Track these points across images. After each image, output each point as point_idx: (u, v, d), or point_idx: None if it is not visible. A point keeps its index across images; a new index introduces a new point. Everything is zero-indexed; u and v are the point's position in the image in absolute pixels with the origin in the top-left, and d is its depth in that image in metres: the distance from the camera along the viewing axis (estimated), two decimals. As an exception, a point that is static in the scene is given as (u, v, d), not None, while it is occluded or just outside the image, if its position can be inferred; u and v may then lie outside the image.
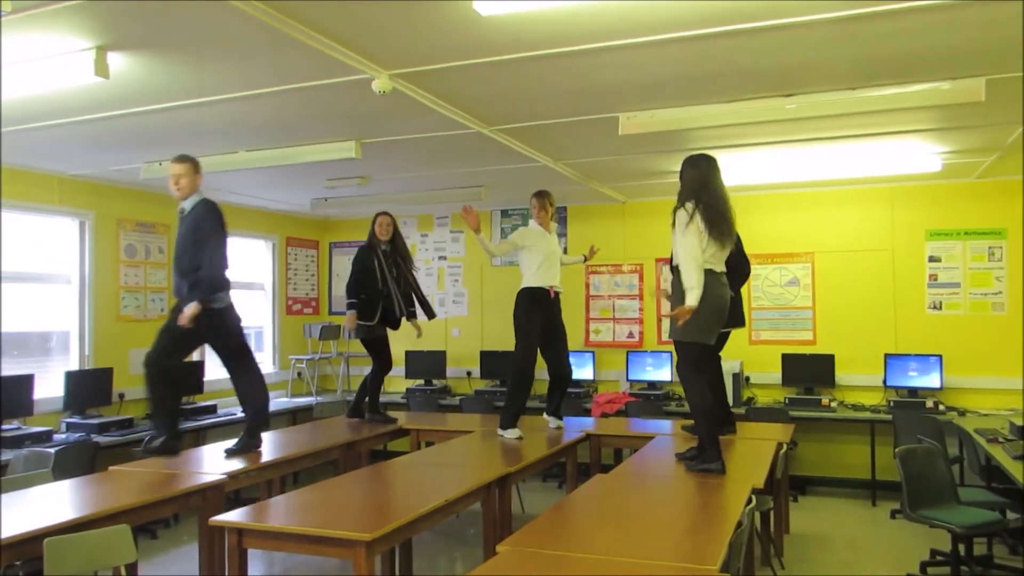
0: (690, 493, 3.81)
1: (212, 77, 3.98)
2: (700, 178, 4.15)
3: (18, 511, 3.52)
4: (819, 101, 4.30)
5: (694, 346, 4.13)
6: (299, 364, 8.80)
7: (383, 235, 6.03)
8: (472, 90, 4.28)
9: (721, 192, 4.17)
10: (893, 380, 6.99)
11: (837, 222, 7.44)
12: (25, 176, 6.07)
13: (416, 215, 9.08)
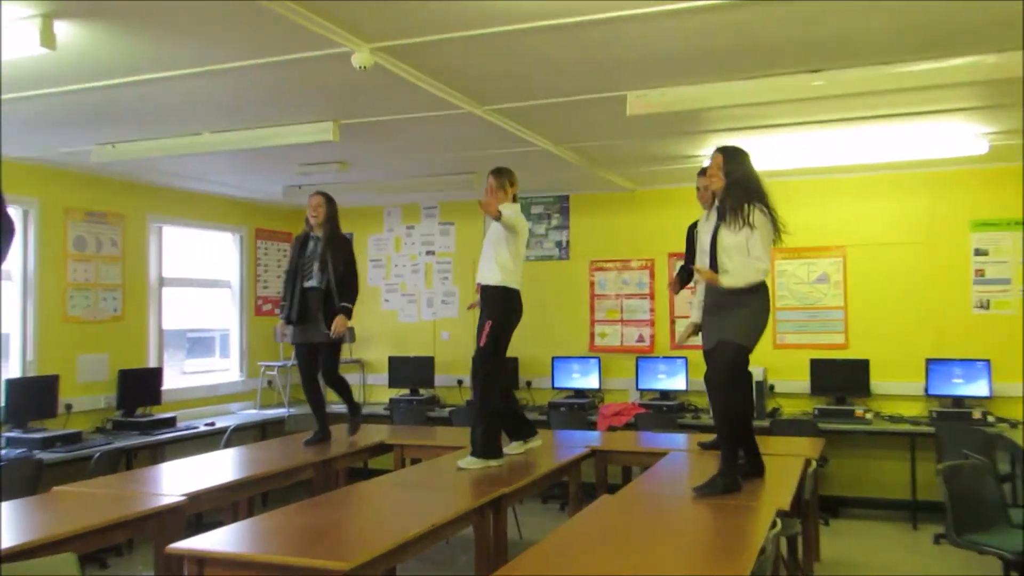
0: (707, 517, 3.82)
1: (173, 49, 3.98)
2: (754, 175, 4.40)
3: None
4: (850, 77, 4.31)
5: (743, 351, 4.31)
6: (269, 372, 8.80)
7: (311, 218, 5.97)
8: (463, 66, 4.28)
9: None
10: (935, 388, 7.00)
11: (871, 212, 7.45)
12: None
13: (400, 205, 9.09)
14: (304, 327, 5.92)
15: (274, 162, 6.71)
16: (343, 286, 5.88)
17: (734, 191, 4.30)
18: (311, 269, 5.88)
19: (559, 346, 8.29)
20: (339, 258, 5.92)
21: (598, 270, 8.34)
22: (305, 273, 5.90)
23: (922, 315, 7.24)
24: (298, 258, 5.95)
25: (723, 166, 4.35)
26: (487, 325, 5.08)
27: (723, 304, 4.33)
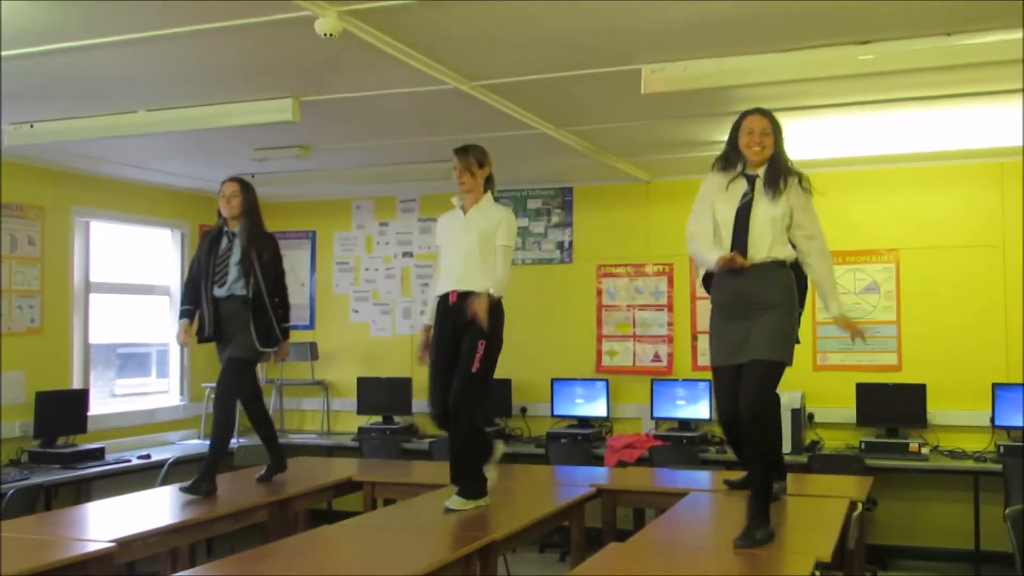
0: (735, 569, 3.83)
1: (104, 12, 3.99)
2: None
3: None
4: (903, 50, 4.34)
5: (781, 371, 4.21)
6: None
7: (224, 209, 5.72)
8: (448, 34, 4.30)
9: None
10: (1004, 418, 7.02)
11: (929, 209, 7.48)
12: None
13: (372, 197, 9.11)
14: (223, 342, 5.69)
15: (223, 146, 6.74)
16: (278, 296, 5.74)
17: (776, 163, 4.35)
18: (225, 273, 5.58)
19: (560, 366, 8.31)
20: (268, 260, 5.71)
21: (606, 276, 8.36)
22: (217, 278, 5.59)
23: (989, 332, 7.26)
24: (206, 258, 5.64)
25: (771, 133, 4.35)
26: (480, 345, 4.91)
27: (750, 303, 4.20)
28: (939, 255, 7.44)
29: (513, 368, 8.33)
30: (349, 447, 8.25)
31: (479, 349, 4.88)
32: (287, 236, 9.39)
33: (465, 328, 4.89)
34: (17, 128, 5.92)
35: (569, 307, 8.41)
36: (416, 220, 9.02)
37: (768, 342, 4.11)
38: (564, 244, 8.52)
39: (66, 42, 4.35)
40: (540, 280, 8.51)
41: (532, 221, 8.60)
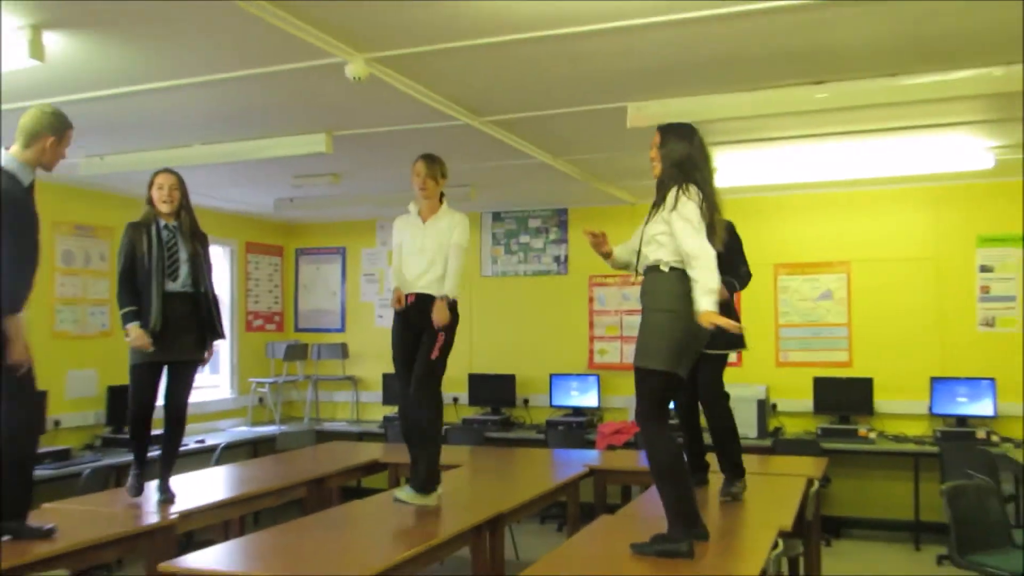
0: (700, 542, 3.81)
1: (163, 60, 4.01)
2: (693, 154, 3.60)
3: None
4: (854, 90, 4.34)
5: (660, 377, 3.43)
6: (260, 388, 8.80)
7: (163, 203, 4.67)
8: (460, 77, 4.31)
9: (711, 174, 3.65)
10: (940, 407, 7.01)
11: (875, 227, 7.48)
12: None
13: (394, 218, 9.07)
14: (169, 341, 4.62)
15: (265, 174, 6.73)
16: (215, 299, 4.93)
17: (667, 172, 3.60)
18: (176, 268, 4.65)
19: (557, 363, 8.30)
20: (208, 260, 4.88)
21: (598, 285, 8.36)
22: (170, 272, 4.62)
23: (926, 333, 7.26)
24: (157, 251, 4.60)
25: (662, 145, 3.67)
26: (439, 337, 4.46)
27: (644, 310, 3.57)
28: (884, 267, 7.43)
29: (516, 365, 8.37)
30: (375, 433, 8.25)
31: (439, 340, 4.45)
32: (321, 252, 9.44)
33: (424, 328, 4.47)
34: (90, 160, 5.93)
35: (565, 312, 8.40)
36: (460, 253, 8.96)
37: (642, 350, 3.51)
38: (560, 258, 8.52)
39: (132, 86, 4.36)
40: (540, 289, 8.52)
41: (532, 238, 8.60)
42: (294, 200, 7.80)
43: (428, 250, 4.51)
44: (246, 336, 8.93)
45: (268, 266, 9.30)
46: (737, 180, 6.57)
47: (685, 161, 3.56)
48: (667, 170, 3.59)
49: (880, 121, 5.17)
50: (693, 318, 3.37)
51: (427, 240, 4.53)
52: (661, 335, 3.42)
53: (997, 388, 6.84)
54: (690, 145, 3.60)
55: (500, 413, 8.23)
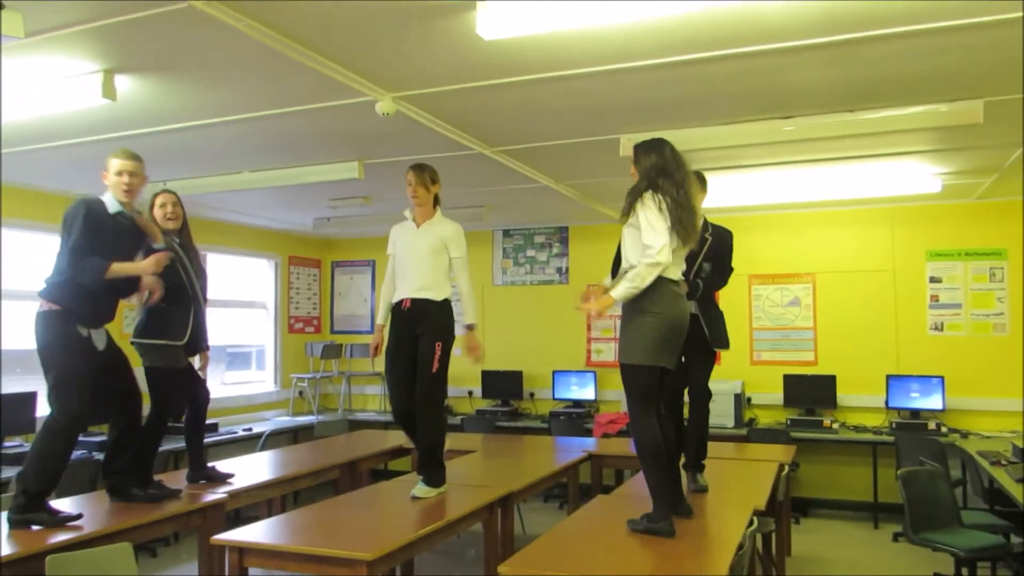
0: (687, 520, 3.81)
1: (216, 99, 4.04)
2: (659, 164, 3.48)
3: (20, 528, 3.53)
4: (817, 123, 4.35)
5: (643, 371, 3.39)
6: (300, 383, 8.82)
7: (170, 221, 4.36)
8: (475, 112, 4.33)
9: (686, 182, 3.49)
10: (895, 401, 6.99)
11: (837, 243, 7.47)
12: (29, 195, 6.11)
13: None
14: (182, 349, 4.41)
15: (305, 197, 6.76)
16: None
17: (637, 186, 3.50)
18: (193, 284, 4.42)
19: (559, 361, 8.29)
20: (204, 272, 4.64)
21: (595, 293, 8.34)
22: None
23: (883, 335, 7.24)
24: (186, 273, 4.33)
25: (635, 162, 3.59)
26: (437, 347, 4.15)
27: (623, 311, 3.49)
28: (846, 278, 7.41)
29: (523, 362, 8.38)
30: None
31: (437, 351, 4.15)
32: (354, 264, 9.46)
33: (421, 333, 4.20)
34: (154, 185, 5.92)
35: (566, 317, 8.38)
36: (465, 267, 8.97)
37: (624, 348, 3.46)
38: (562, 269, 8.52)
39: (190, 121, 4.40)
40: (543, 297, 8.52)
41: (537, 251, 8.61)
42: (330, 219, 7.83)
43: (422, 251, 4.23)
44: (288, 337, 8.95)
45: (308, 276, 9.32)
46: (715, 202, 6.55)
47: (651, 170, 3.47)
48: (637, 182, 3.52)
49: (840, 150, 5.17)
50: (670, 316, 3.38)
51: (421, 242, 4.25)
52: (640, 333, 3.39)
53: (946, 385, 6.81)
54: (660, 156, 3.50)
55: (509, 405, 8.23)
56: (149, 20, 3.00)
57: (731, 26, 3.15)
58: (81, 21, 3.02)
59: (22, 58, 3.37)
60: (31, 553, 3.22)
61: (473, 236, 8.74)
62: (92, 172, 5.55)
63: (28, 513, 3.56)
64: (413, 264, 4.24)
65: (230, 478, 4.60)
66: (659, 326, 3.37)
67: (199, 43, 3.29)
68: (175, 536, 6.36)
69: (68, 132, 4.57)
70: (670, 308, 3.39)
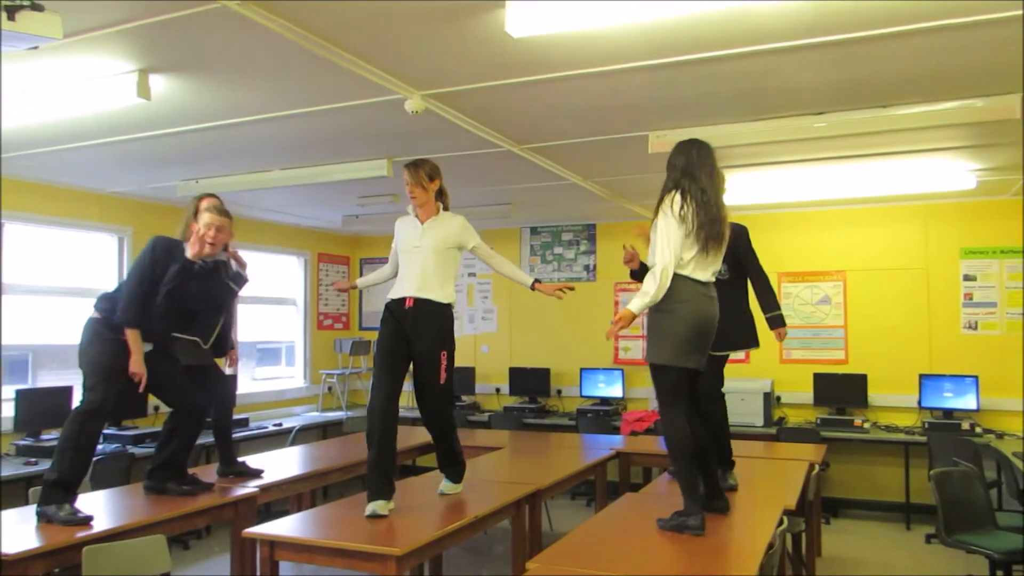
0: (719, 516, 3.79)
1: (248, 98, 4.08)
2: (687, 165, 3.50)
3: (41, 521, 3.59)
4: (849, 119, 4.30)
5: (670, 371, 3.42)
6: (330, 379, 8.89)
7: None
8: (503, 109, 4.34)
9: (713, 185, 3.49)
10: (928, 401, 6.90)
11: (869, 240, 7.39)
12: (66, 193, 6.22)
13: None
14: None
15: (334, 195, 6.81)
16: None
17: (664, 185, 3.54)
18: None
19: (586, 358, 8.28)
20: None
21: (622, 291, 8.34)
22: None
23: (916, 334, 7.15)
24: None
25: (669, 161, 3.60)
26: (443, 356, 3.96)
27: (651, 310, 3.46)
28: (877, 276, 7.33)
29: (551, 360, 8.39)
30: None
31: (443, 360, 3.96)
32: (383, 261, 9.38)
33: (420, 337, 3.93)
34: (186, 183, 6.03)
35: (593, 314, 8.38)
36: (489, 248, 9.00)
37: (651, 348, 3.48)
38: (589, 266, 8.51)
39: (223, 120, 4.44)
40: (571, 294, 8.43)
41: (565, 249, 8.61)
42: (359, 217, 7.88)
43: (426, 250, 3.99)
44: (317, 334, 9.03)
45: (336, 273, 9.39)
46: (745, 199, 6.54)
47: (675, 171, 3.52)
48: (665, 181, 3.56)
49: (873, 147, 5.11)
50: (694, 316, 3.40)
51: (425, 240, 4.01)
52: (667, 333, 3.41)
53: (980, 384, 6.72)
54: (686, 157, 3.53)
55: (536, 402, 8.24)
56: (183, 20, 3.05)
57: (758, 23, 3.13)
58: (117, 22, 3.07)
59: (59, 59, 3.43)
60: (69, 544, 3.28)
61: (501, 233, 8.83)
62: (124, 171, 5.68)
63: (50, 506, 3.61)
64: (416, 263, 4.00)
65: (260, 473, 4.65)
66: (683, 327, 3.39)
67: (232, 43, 3.32)
68: (207, 529, 6.45)
69: (103, 131, 4.64)
70: (695, 309, 3.41)
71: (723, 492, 3.76)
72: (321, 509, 4.00)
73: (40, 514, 3.60)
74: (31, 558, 3.16)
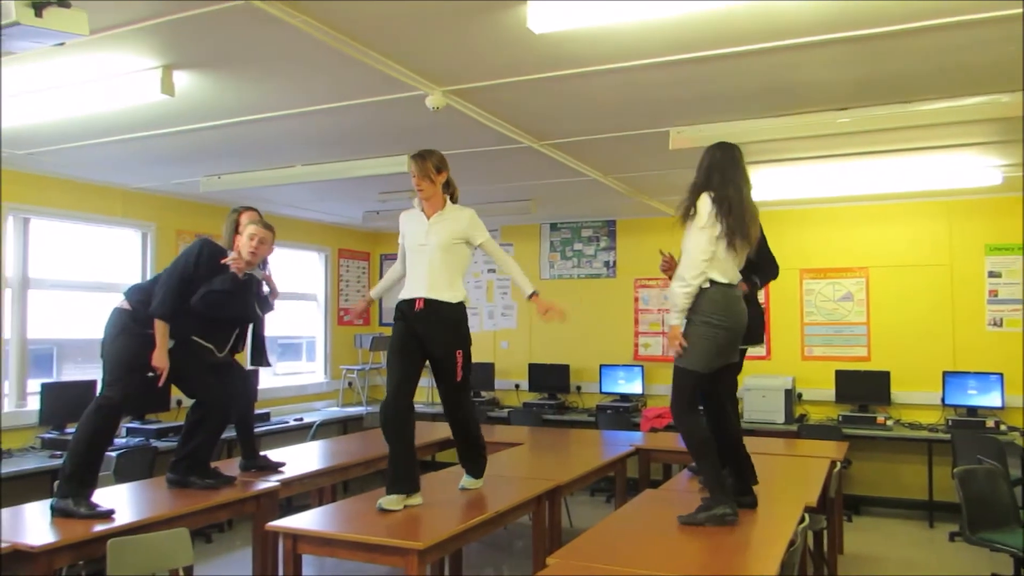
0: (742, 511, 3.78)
1: (271, 94, 4.10)
2: (718, 167, 3.54)
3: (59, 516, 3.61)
4: (873, 115, 4.26)
5: (690, 375, 3.46)
6: (350, 374, 8.93)
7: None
8: (523, 105, 4.33)
9: (744, 187, 3.53)
10: (952, 398, 6.83)
11: (892, 237, 7.32)
12: (90, 189, 6.29)
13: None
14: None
15: (355, 190, 6.83)
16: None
17: (692, 187, 3.56)
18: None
19: (606, 355, 8.27)
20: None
21: (642, 287, 8.31)
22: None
23: (940, 331, 7.08)
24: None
25: (699, 163, 3.64)
26: (458, 356, 3.87)
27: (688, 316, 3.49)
28: (900, 272, 7.27)
29: (570, 356, 8.38)
30: (448, 414, 8.30)
31: (459, 359, 3.89)
32: (402, 257, 9.52)
33: (432, 340, 3.85)
34: (209, 179, 6.08)
35: (613, 311, 8.37)
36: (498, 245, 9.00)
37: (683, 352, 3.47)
38: (609, 263, 8.50)
39: (244, 116, 4.47)
40: (591, 290, 8.50)
41: (585, 245, 8.59)
42: (380, 212, 7.90)
43: (433, 247, 3.84)
44: (338, 329, 9.07)
45: (357, 269, 9.43)
46: (767, 195, 6.50)
47: (701, 173, 3.57)
48: (693, 182, 3.59)
49: (897, 143, 5.06)
50: (726, 323, 3.44)
51: (431, 237, 3.85)
52: (700, 340, 3.44)
53: (1005, 382, 6.64)
54: (711, 158, 3.58)
55: (556, 398, 8.23)
56: (207, 17, 3.07)
57: (780, 18, 3.10)
58: (141, 19, 3.10)
59: (85, 55, 3.46)
60: (93, 537, 3.32)
61: (520, 230, 8.83)
62: (148, 167, 5.73)
63: (67, 500, 3.62)
64: (423, 261, 3.85)
65: (280, 467, 4.68)
66: (716, 336, 3.43)
67: (254, 39, 3.34)
68: (229, 523, 6.50)
69: (128, 127, 4.68)
70: (726, 316, 3.45)
71: (751, 488, 3.76)
72: (342, 503, 4.02)
73: (57, 509, 3.60)
74: (57, 550, 3.21)
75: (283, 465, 4.72)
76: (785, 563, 2.96)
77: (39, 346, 6.06)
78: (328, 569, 5.61)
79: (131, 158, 5.46)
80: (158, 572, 3.34)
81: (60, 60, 3.50)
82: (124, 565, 3.16)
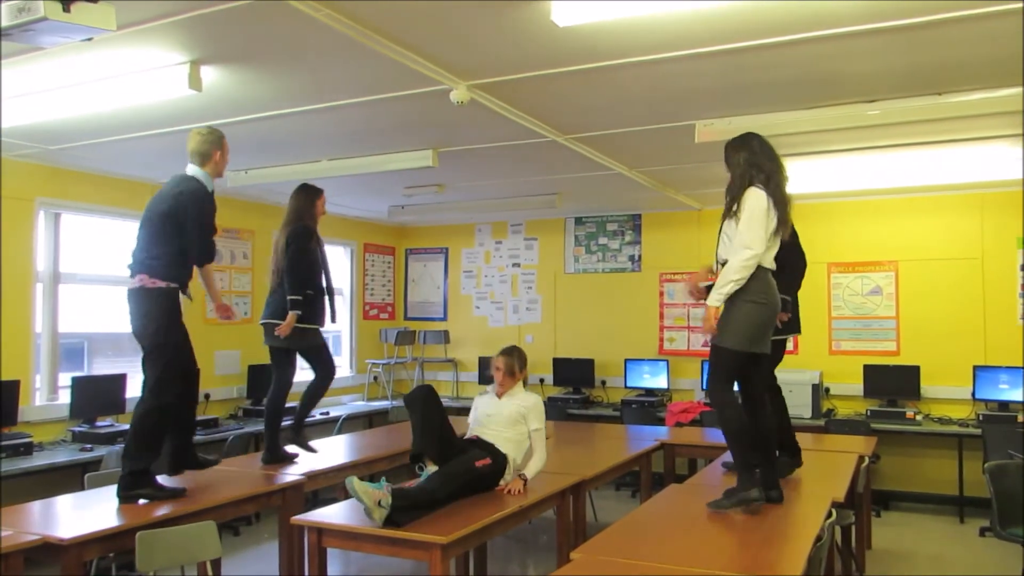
0: (769, 505, 3.74)
1: (297, 89, 4.11)
2: (752, 158, 3.60)
3: (109, 505, 3.68)
4: (903, 107, 4.19)
5: (734, 355, 3.51)
6: (375, 368, 8.97)
7: (322, 214, 5.07)
8: (548, 99, 4.31)
9: (777, 173, 3.61)
10: (982, 393, 6.73)
11: (922, 230, 7.21)
12: (120, 184, 6.34)
13: (491, 222, 9.16)
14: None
15: (380, 185, 6.84)
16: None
17: (737, 179, 3.62)
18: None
19: (631, 349, 8.24)
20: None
21: (667, 281, 8.26)
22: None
23: (970, 325, 6.97)
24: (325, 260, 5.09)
25: (727, 161, 3.72)
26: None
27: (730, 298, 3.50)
28: (930, 266, 7.16)
29: (595, 350, 8.36)
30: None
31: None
32: (428, 251, 9.56)
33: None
34: (236, 173, 6.11)
35: (638, 305, 8.33)
36: (523, 239, 9.03)
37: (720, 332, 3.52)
38: (635, 257, 8.45)
39: (270, 111, 4.49)
40: (616, 284, 8.46)
41: (610, 239, 8.55)
42: (405, 207, 7.92)
43: (503, 418, 4.11)
44: (363, 323, 9.11)
45: (382, 263, 9.46)
46: (795, 188, 6.39)
47: (739, 166, 3.62)
48: (732, 180, 3.66)
49: (927, 135, 4.97)
50: (771, 303, 3.52)
51: (503, 410, 4.13)
52: (743, 321, 3.47)
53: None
54: (749, 151, 3.63)
55: (581, 393, 8.21)
56: (234, 12, 3.08)
57: (810, 9, 3.05)
58: (168, 14, 3.11)
59: (113, 51, 3.48)
60: (122, 529, 3.35)
61: (545, 224, 8.82)
62: (176, 161, 5.75)
63: (135, 489, 3.74)
64: (494, 427, 4.12)
65: (295, 458, 4.86)
66: (761, 314, 3.49)
67: (281, 34, 3.35)
68: (256, 516, 6.55)
69: (155, 122, 4.72)
70: (772, 296, 3.52)
71: (778, 482, 3.72)
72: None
73: (125, 497, 3.73)
74: (87, 543, 3.24)
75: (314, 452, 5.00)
76: (812, 557, 2.93)
77: (70, 340, 6.14)
78: (353, 562, 5.63)
79: (159, 153, 5.50)
80: (186, 565, 3.37)
81: (89, 56, 3.53)
82: (153, 558, 3.19)
